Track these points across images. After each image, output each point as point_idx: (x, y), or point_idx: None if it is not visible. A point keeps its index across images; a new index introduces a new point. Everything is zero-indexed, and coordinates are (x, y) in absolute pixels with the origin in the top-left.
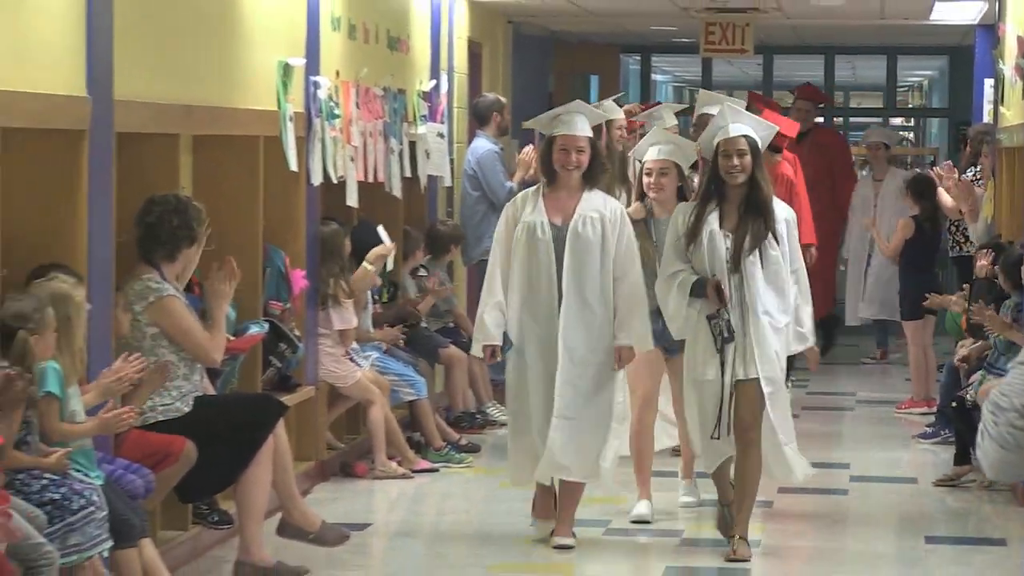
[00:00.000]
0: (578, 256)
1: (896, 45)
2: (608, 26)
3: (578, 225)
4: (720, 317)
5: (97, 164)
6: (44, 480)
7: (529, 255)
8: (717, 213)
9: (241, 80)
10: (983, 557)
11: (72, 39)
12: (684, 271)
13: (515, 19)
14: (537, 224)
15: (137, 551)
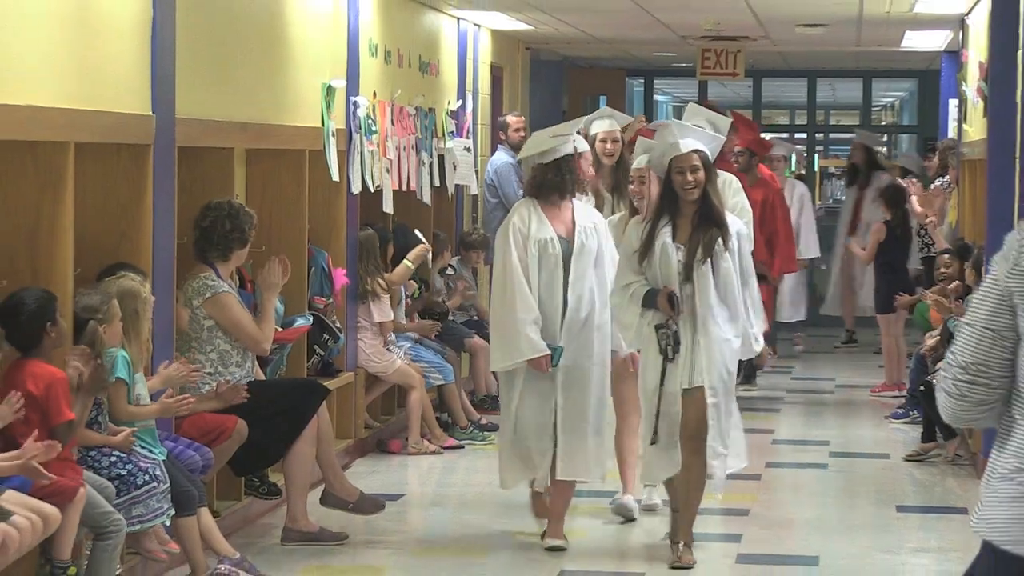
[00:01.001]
0: (582, 267)
1: (871, 69)
2: (615, 52)
3: (582, 236)
4: (668, 327)
5: (160, 175)
6: (112, 457)
7: (542, 270)
8: (670, 227)
9: (289, 100)
10: (947, 524)
11: (139, 65)
12: (637, 283)
13: (532, 46)
14: (548, 240)
15: (196, 519)
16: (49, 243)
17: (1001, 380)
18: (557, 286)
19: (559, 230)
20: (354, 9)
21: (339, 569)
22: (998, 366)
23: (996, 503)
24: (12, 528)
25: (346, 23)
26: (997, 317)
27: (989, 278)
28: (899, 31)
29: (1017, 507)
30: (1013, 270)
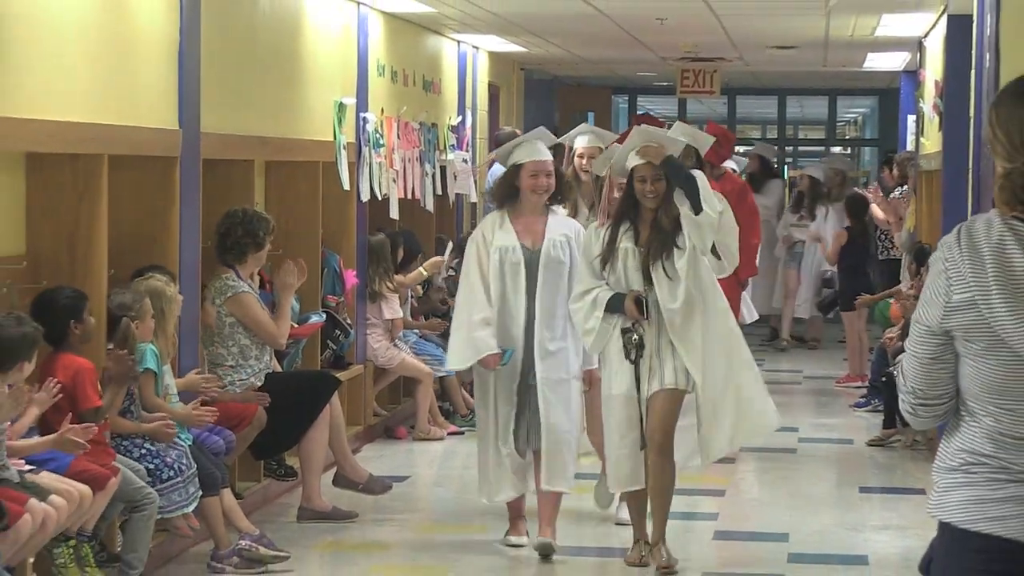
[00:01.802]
0: (551, 278)
1: (836, 87)
2: (601, 72)
3: (550, 248)
4: (634, 331)
5: (187, 184)
6: (142, 450)
7: (502, 278)
8: (632, 232)
9: (304, 116)
10: (906, 503)
11: (167, 84)
12: (598, 288)
13: (526, 66)
14: (510, 248)
15: (219, 498)
16: (86, 247)
17: (949, 397)
18: (519, 293)
19: (525, 239)
20: (363, 33)
21: (350, 545)
22: (944, 385)
23: (948, 490)
24: (51, 507)
25: (356, 46)
26: (934, 348)
27: (920, 320)
28: (862, 53)
29: (967, 491)
30: (946, 310)
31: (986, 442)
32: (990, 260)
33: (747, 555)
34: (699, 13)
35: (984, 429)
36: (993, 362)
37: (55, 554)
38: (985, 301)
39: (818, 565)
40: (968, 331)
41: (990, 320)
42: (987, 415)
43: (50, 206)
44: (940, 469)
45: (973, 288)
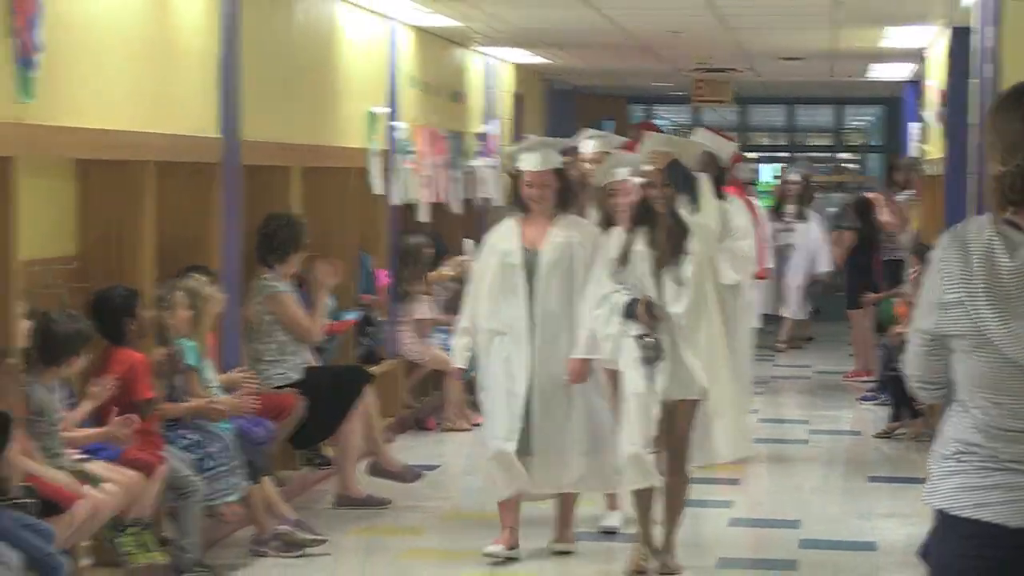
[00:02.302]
0: (549, 282)
1: (843, 96)
2: (619, 82)
3: (549, 251)
4: (650, 336)
5: (229, 189)
6: (186, 440)
7: (500, 280)
8: (647, 236)
9: (339, 125)
10: (912, 492)
11: (209, 94)
12: (616, 292)
13: (548, 77)
14: (510, 251)
15: (260, 486)
16: (133, 248)
17: (944, 383)
18: (517, 297)
19: (529, 243)
20: (394, 46)
21: (383, 530)
22: (938, 374)
23: (942, 477)
24: (103, 494)
25: (388, 59)
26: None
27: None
28: (867, 63)
29: (958, 479)
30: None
31: (976, 433)
32: (978, 262)
33: (760, 541)
34: (712, 27)
35: (974, 420)
36: (980, 359)
37: (119, 543)
38: (971, 301)
39: (828, 551)
40: (957, 329)
41: (976, 320)
42: (976, 408)
43: (99, 210)
44: (934, 458)
45: (961, 288)
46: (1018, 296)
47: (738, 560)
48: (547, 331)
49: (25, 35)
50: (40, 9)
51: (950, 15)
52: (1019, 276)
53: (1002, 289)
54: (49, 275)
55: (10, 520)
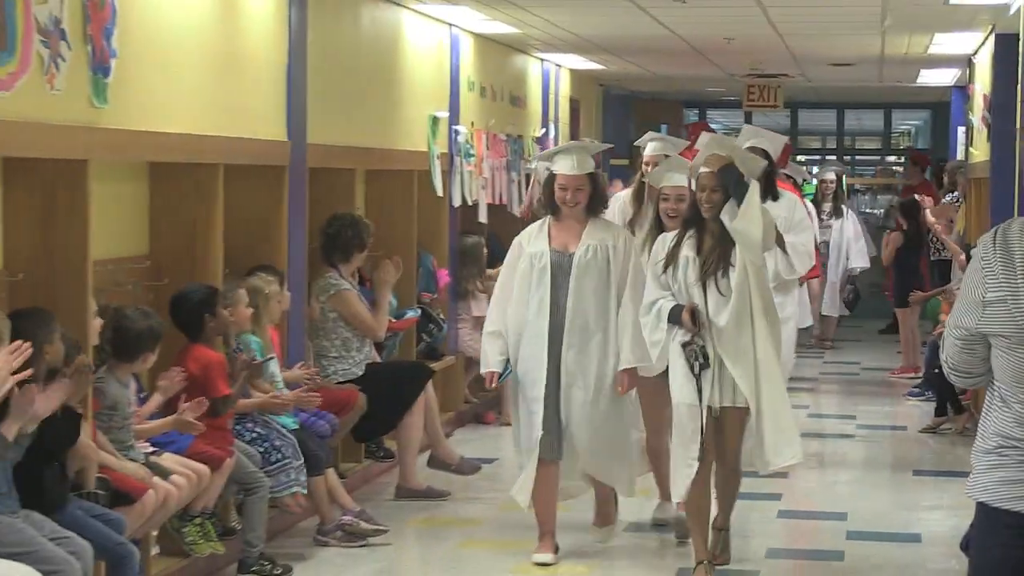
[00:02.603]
0: (583, 284)
1: (891, 101)
2: (674, 87)
3: (582, 254)
4: (695, 343)
5: (295, 191)
6: (253, 434)
7: (528, 283)
8: (694, 241)
9: (401, 128)
10: (956, 485)
11: (277, 100)
12: (664, 299)
13: (604, 82)
14: (538, 253)
15: (324, 478)
16: (204, 247)
17: (978, 374)
18: (544, 300)
19: (559, 245)
20: (455, 53)
21: (443, 520)
22: (973, 367)
23: (984, 471)
24: (172, 486)
25: (449, 64)
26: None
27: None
28: (915, 69)
29: (1000, 472)
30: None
31: (1016, 427)
32: (1021, 261)
33: (809, 532)
34: (764, 33)
35: (1015, 415)
36: (1021, 355)
37: (184, 532)
38: (1014, 299)
39: (875, 542)
40: (999, 326)
41: (1018, 318)
42: (1017, 402)
43: (171, 211)
44: (977, 452)
45: (1004, 287)
46: None
47: (786, 551)
48: (579, 335)
49: (100, 43)
50: (115, 18)
51: (996, 21)
52: None
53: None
54: (121, 274)
55: (82, 510)
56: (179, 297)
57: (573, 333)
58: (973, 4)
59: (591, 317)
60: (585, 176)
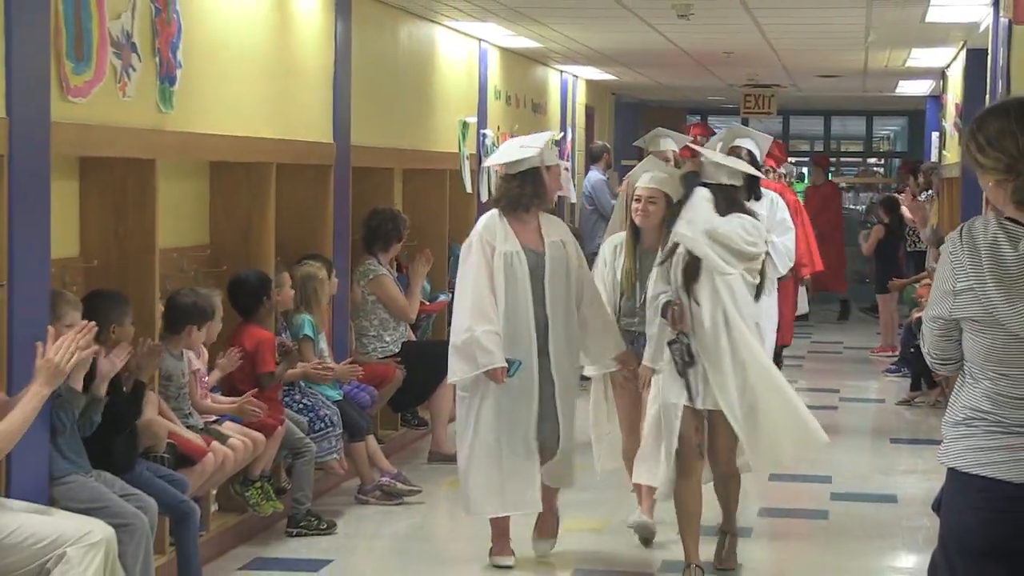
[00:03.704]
0: (559, 282)
1: (872, 109)
2: (678, 96)
3: (554, 251)
4: (680, 341)
5: (339, 187)
6: (300, 404)
7: (508, 284)
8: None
9: (435, 132)
10: (929, 452)
11: (323, 105)
12: (664, 293)
13: (616, 91)
14: (514, 254)
15: (364, 444)
16: (258, 238)
17: (956, 359)
18: (526, 301)
19: (527, 243)
20: (483, 64)
21: None
22: (951, 352)
23: (954, 440)
24: (230, 449)
25: (477, 75)
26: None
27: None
28: (894, 80)
29: (968, 441)
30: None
31: (985, 401)
32: (985, 254)
33: (797, 493)
34: (759, 48)
35: (983, 390)
36: (990, 337)
37: (247, 496)
38: (981, 288)
39: (856, 502)
40: (968, 312)
41: (985, 304)
42: (986, 379)
43: (229, 205)
44: (947, 423)
45: (971, 277)
46: (1020, 281)
47: (777, 510)
48: (561, 333)
49: (167, 55)
50: (180, 33)
51: (967, 38)
52: (1021, 264)
53: (1007, 276)
54: (184, 261)
55: (149, 471)
56: (237, 282)
57: (559, 336)
58: (947, 22)
59: (571, 317)
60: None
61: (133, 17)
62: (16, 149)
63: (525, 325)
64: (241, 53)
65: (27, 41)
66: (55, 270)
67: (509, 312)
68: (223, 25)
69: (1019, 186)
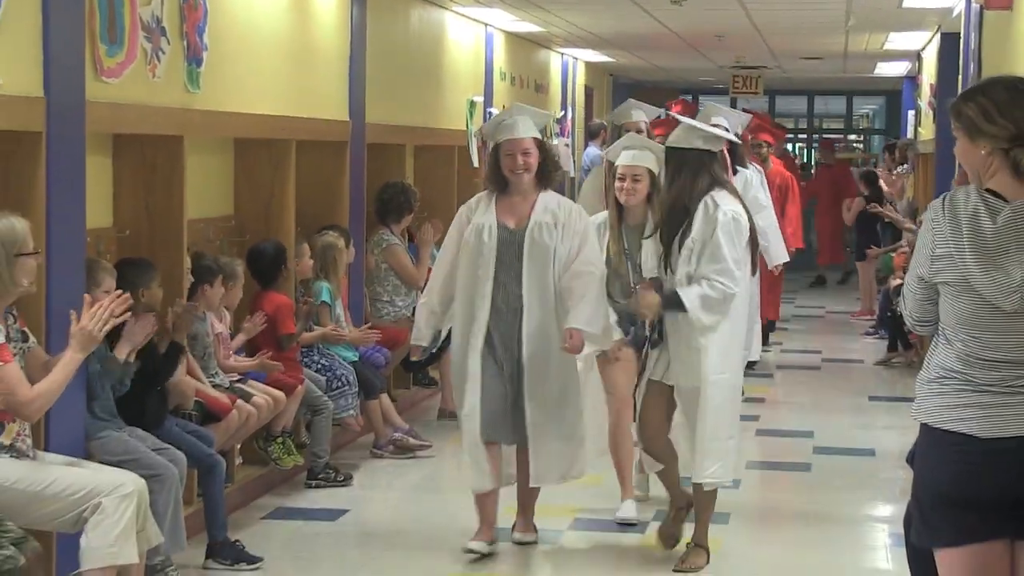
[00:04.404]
0: (537, 262)
1: (852, 89)
2: (672, 76)
3: (535, 231)
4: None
5: (355, 163)
6: (317, 365)
7: (474, 258)
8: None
9: (444, 110)
10: (905, 409)
11: (340, 84)
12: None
13: (613, 73)
14: (485, 227)
15: (378, 401)
16: (279, 211)
17: (934, 320)
18: (486, 277)
19: (508, 220)
20: (489, 47)
21: None
22: (930, 314)
23: (927, 397)
24: (254, 407)
25: (484, 57)
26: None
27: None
28: (873, 62)
29: (939, 399)
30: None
31: (957, 361)
32: (965, 223)
33: (782, 448)
34: (748, 32)
35: (956, 351)
36: (964, 301)
37: (270, 450)
38: (959, 255)
39: (837, 456)
40: (945, 277)
41: (962, 270)
42: (959, 340)
43: (252, 179)
44: (921, 381)
45: (950, 244)
46: (996, 251)
47: (764, 463)
48: (536, 317)
49: (194, 38)
50: (206, 17)
51: (942, 22)
52: (998, 235)
53: (984, 246)
54: (211, 231)
55: (178, 427)
56: (255, 251)
57: (533, 317)
58: (922, 7)
59: (549, 299)
60: (531, 140)
61: (163, 3)
62: (53, 127)
63: (482, 304)
64: (263, 37)
65: (63, 26)
66: (90, 239)
67: (474, 287)
68: (247, 11)
69: (1020, 156)
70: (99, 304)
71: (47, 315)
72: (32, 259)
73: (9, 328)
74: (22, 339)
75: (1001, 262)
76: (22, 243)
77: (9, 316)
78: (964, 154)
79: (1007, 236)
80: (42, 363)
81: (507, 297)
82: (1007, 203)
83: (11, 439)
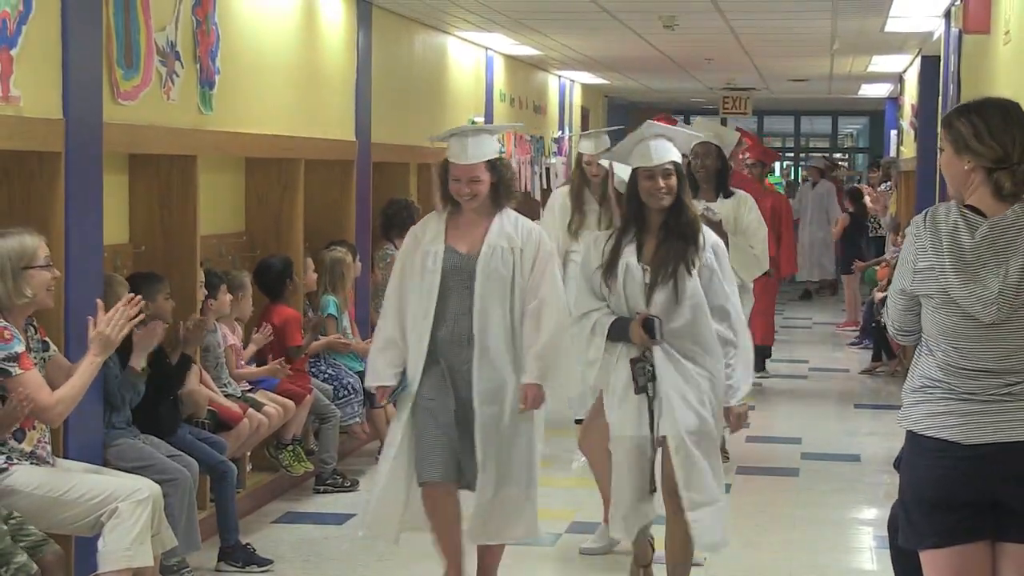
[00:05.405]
0: (490, 291)
1: (837, 109)
2: (664, 98)
3: (488, 259)
4: (646, 360)
5: (361, 181)
6: (325, 374)
7: (420, 287)
8: (635, 245)
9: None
10: (889, 416)
11: (346, 106)
12: (598, 311)
13: (608, 94)
14: (430, 254)
15: (383, 410)
16: (288, 227)
17: (917, 331)
18: (429, 306)
19: (460, 245)
20: (490, 70)
21: None
22: (913, 324)
23: (911, 405)
24: (265, 416)
25: (484, 79)
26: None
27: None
28: (857, 84)
29: (925, 406)
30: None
31: (938, 370)
32: (946, 238)
33: (771, 454)
34: (737, 55)
35: (937, 361)
36: (945, 313)
37: (281, 458)
38: (940, 269)
39: (823, 461)
40: (927, 289)
41: (943, 283)
42: (940, 351)
43: (262, 197)
44: (907, 390)
45: (932, 258)
46: (975, 265)
47: (753, 468)
48: (487, 347)
49: (207, 62)
50: (218, 42)
51: (922, 46)
52: (977, 250)
53: (964, 260)
54: (223, 247)
55: (191, 434)
56: (263, 265)
57: (483, 354)
58: (904, 32)
59: (501, 335)
60: (482, 165)
61: (177, 28)
62: (72, 147)
63: (422, 335)
64: (273, 61)
65: (82, 51)
66: (107, 255)
67: (415, 318)
68: (257, 36)
69: (1002, 179)
70: (114, 309)
71: (66, 328)
72: (43, 272)
73: (30, 339)
74: (42, 348)
75: (980, 275)
76: (31, 256)
77: (30, 327)
78: (947, 166)
79: (985, 250)
80: (65, 370)
81: (457, 331)
82: (986, 219)
83: (32, 446)
